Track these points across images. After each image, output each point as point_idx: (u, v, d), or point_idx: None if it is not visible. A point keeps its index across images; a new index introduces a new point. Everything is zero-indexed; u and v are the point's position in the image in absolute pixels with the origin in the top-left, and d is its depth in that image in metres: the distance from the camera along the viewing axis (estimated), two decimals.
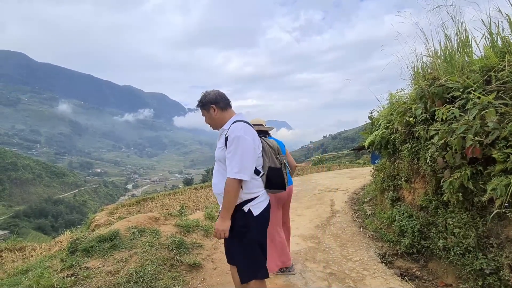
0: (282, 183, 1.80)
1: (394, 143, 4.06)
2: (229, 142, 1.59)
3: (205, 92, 1.82)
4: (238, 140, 1.56)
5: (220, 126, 1.77)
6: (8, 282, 2.39)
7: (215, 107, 1.75)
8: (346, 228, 3.84)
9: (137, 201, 7.47)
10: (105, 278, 2.08)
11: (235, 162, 1.54)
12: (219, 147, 1.69)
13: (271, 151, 1.79)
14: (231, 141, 1.57)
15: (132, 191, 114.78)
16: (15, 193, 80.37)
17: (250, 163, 1.60)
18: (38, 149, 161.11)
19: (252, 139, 1.62)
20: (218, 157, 1.71)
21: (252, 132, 1.66)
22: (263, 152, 1.76)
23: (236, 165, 1.53)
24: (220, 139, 1.72)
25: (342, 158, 45.42)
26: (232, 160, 1.55)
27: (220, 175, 1.70)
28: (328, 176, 8.79)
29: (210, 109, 1.75)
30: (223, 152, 1.63)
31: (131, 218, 3.11)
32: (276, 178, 1.76)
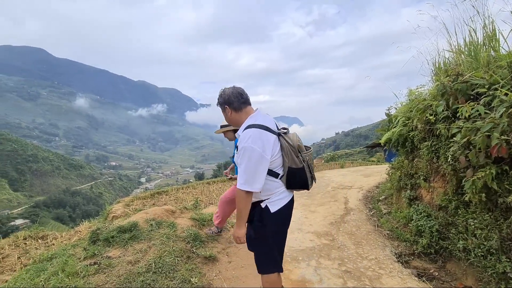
0: (304, 183, 1.71)
1: (412, 141, 3.96)
2: (238, 152, 1.58)
3: (221, 91, 1.74)
4: (245, 151, 1.52)
5: (239, 126, 1.71)
6: (34, 268, 2.52)
7: (228, 108, 1.70)
8: (361, 226, 3.80)
9: (152, 194, 7.66)
10: (125, 267, 2.15)
11: (241, 173, 1.53)
12: (236, 153, 1.67)
13: (290, 150, 1.64)
14: (239, 152, 1.56)
15: (145, 184, 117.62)
16: (35, 184, 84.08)
17: (256, 174, 1.53)
18: (56, 142, 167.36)
19: (261, 146, 1.53)
20: (236, 162, 1.70)
21: (263, 138, 1.56)
22: (282, 152, 1.65)
23: (242, 176, 1.52)
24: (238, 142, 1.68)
25: (355, 156, 44.76)
26: (239, 170, 1.55)
27: None
28: (341, 174, 8.69)
29: (225, 109, 1.72)
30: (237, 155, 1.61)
31: (148, 210, 3.20)
32: (296, 178, 1.67)
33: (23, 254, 4.29)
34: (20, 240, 4.66)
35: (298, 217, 4.27)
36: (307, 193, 5.96)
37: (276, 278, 1.74)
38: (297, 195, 5.72)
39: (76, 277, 2.05)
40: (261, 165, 1.53)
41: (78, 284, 1.93)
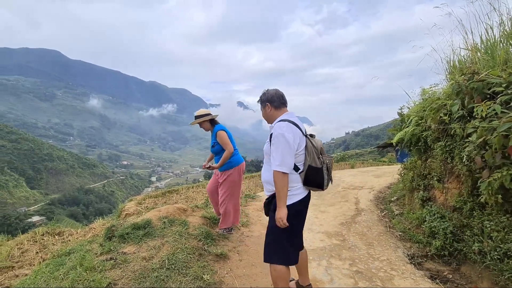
0: (320, 182, 1.86)
1: (425, 141, 3.89)
2: (273, 139, 1.79)
3: (265, 90, 2.02)
4: (280, 138, 1.76)
5: (272, 122, 1.96)
6: (54, 262, 2.63)
7: (269, 105, 1.97)
8: (372, 227, 3.77)
9: (163, 193, 7.79)
10: (140, 263, 2.22)
11: (277, 157, 1.74)
12: (267, 142, 1.91)
13: (313, 151, 1.86)
14: (274, 138, 1.78)
15: (155, 183, 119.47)
16: (51, 182, 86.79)
17: (289, 158, 1.75)
18: (71, 141, 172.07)
19: (292, 137, 1.77)
20: (265, 151, 1.94)
21: (294, 131, 1.80)
22: (306, 151, 1.86)
23: (277, 159, 1.74)
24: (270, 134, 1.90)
25: (365, 156, 44.08)
26: (275, 154, 1.76)
27: (266, 166, 1.94)
28: (352, 174, 8.59)
29: (266, 106, 1.99)
30: (268, 146, 1.86)
31: (161, 208, 3.27)
32: (314, 176, 1.83)
33: (41, 249, 4.45)
34: (38, 236, 4.84)
35: (308, 216, 4.22)
36: (317, 193, 5.93)
37: (284, 269, 1.83)
38: None
39: (94, 271, 2.13)
40: (291, 151, 1.76)
41: (96, 278, 2.01)
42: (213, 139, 3.13)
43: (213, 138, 3.12)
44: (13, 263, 3.93)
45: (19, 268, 3.84)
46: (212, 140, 3.14)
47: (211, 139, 3.16)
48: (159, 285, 2.02)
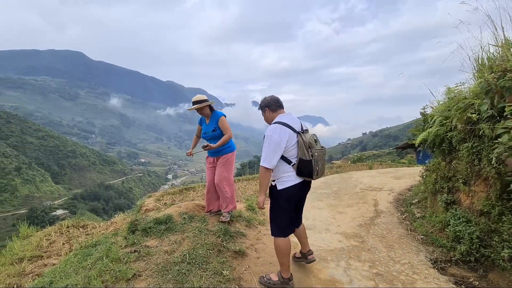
0: (310, 172, 2.15)
1: (450, 142, 3.75)
2: (265, 138, 2.15)
3: (262, 98, 2.38)
4: (267, 138, 2.12)
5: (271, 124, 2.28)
6: (81, 253, 2.77)
7: (268, 110, 2.32)
8: (392, 230, 3.67)
9: (180, 190, 7.97)
10: (163, 257, 2.29)
11: (263, 154, 2.12)
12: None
13: (303, 145, 2.14)
14: (265, 138, 2.15)
15: (172, 181, 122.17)
16: (74, 178, 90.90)
17: (273, 156, 2.10)
18: (93, 139, 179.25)
19: (279, 138, 2.09)
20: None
21: (282, 132, 2.11)
22: (297, 146, 2.15)
23: (263, 156, 2.11)
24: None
25: (383, 157, 42.81)
26: (263, 152, 2.13)
27: None
28: (370, 175, 8.39)
29: (265, 111, 2.34)
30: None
31: (181, 204, 3.35)
32: (304, 168, 2.14)
33: (67, 240, 4.70)
34: (64, 228, 5.10)
35: (325, 217, 4.22)
36: (334, 193, 5.86)
37: (285, 240, 2.23)
38: (324, 196, 5.65)
39: (119, 262, 2.22)
40: (276, 150, 2.10)
41: (122, 269, 2.10)
42: (213, 124, 3.25)
43: (214, 123, 3.25)
44: (41, 253, 4.17)
45: (47, 257, 4.07)
46: (213, 124, 3.26)
47: (210, 124, 3.28)
48: (181, 278, 2.08)
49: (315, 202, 5.14)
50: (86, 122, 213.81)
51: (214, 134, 3.23)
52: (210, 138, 3.26)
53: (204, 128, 3.30)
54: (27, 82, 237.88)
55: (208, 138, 3.28)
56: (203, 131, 3.33)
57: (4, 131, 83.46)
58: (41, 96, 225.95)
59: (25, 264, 3.59)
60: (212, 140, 3.24)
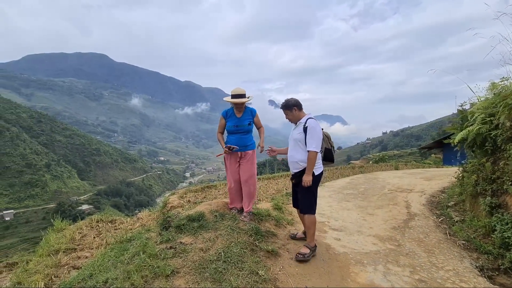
0: (332, 158, 2.95)
1: (495, 141, 3.49)
2: (309, 130, 2.65)
3: (287, 99, 2.84)
4: (315, 129, 2.65)
5: (297, 121, 2.81)
6: (117, 247, 2.83)
7: (296, 108, 2.80)
8: (429, 234, 3.47)
9: (202, 188, 8.05)
10: (198, 254, 2.29)
11: (313, 142, 2.63)
12: (298, 133, 2.75)
13: (326, 138, 2.93)
14: (311, 129, 2.64)
15: (189, 179, 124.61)
16: (98, 175, 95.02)
17: (320, 142, 2.70)
18: (115, 137, 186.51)
19: (319, 128, 2.71)
20: (297, 139, 2.75)
21: (319, 125, 2.72)
22: (323, 138, 2.82)
23: (314, 143, 2.63)
24: (298, 128, 2.78)
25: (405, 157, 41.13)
26: (312, 140, 2.63)
27: (299, 149, 2.75)
28: (397, 176, 8.05)
29: (293, 109, 2.80)
30: (301, 135, 2.71)
31: (211, 202, 3.35)
32: (328, 155, 2.93)
33: (97, 234, 4.87)
34: (94, 222, 5.29)
35: (355, 218, 4.07)
36: (361, 194, 5.66)
37: (314, 217, 2.78)
38: (351, 196, 5.48)
39: (156, 258, 2.24)
40: (321, 138, 2.72)
41: (160, 265, 2.11)
42: (248, 117, 3.23)
43: (249, 117, 3.23)
44: (75, 246, 4.34)
45: (80, 250, 4.23)
46: (248, 118, 3.22)
47: (244, 118, 3.22)
48: (218, 276, 2.05)
49: (342, 202, 4.99)
50: (109, 121, 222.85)
51: (249, 128, 3.22)
52: (245, 132, 3.21)
53: (235, 121, 3.19)
54: (56, 84, 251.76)
55: (241, 132, 3.20)
56: (233, 124, 3.20)
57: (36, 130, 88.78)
58: (68, 97, 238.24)
59: (61, 256, 3.74)
60: (245, 134, 3.20)
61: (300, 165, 2.74)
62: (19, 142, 74.99)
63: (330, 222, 3.90)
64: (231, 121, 3.23)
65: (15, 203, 61.99)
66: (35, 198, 65.55)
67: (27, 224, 55.98)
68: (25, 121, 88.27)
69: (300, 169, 2.74)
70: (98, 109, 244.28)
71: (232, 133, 3.24)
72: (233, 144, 3.16)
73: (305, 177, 2.63)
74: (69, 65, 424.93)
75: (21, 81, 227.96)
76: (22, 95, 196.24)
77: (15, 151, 71.10)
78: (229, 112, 3.28)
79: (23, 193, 64.95)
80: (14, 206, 61.00)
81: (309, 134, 2.62)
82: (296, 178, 2.80)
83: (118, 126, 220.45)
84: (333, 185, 6.67)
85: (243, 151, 3.23)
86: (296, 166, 2.78)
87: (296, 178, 2.80)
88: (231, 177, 3.29)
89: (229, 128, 3.24)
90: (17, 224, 55.61)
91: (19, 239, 49.19)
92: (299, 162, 2.74)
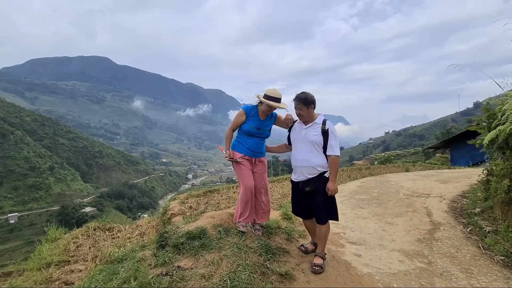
0: None
1: None
2: (331, 133, 2.44)
3: (306, 93, 2.50)
4: (334, 132, 2.45)
5: (310, 120, 2.53)
6: (107, 268, 2.46)
7: (313, 106, 2.51)
8: (461, 247, 3.07)
9: (204, 193, 7.69)
10: (199, 282, 1.91)
11: (336, 146, 2.45)
12: (315, 134, 2.47)
13: None
14: (333, 132, 2.45)
15: (192, 180, 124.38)
16: (101, 177, 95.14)
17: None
18: (118, 140, 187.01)
19: None
20: (315, 141, 2.46)
21: None
22: None
23: (337, 147, 2.45)
24: (314, 129, 2.50)
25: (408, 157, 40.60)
26: (334, 145, 2.44)
27: (316, 153, 2.48)
28: (410, 178, 7.63)
29: (310, 107, 2.49)
30: (319, 138, 2.45)
31: (215, 214, 2.97)
32: None
33: (93, 244, 4.52)
34: (90, 230, 4.95)
35: (374, 229, 3.67)
36: (375, 200, 5.26)
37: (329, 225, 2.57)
38: (364, 202, 5.08)
39: None
40: None
41: None
42: (270, 123, 2.86)
43: (271, 122, 2.87)
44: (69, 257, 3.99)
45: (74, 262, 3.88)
46: (270, 124, 2.86)
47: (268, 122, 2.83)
48: None
49: (356, 209, 4.59)
50: (111, 124, 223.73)
51: (268, 134, 2.85)
52: (264, 137, 2.85)
53: (258, 124, 2.77)
54: (59, 87, 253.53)
55: (261, 137, 2.82)
56: (255, 125, 2.75)
57: (40, 133, 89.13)
58: (72, 100, 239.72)
59: (52, 269, 3.41)
60: (263, 139, 2.85)
61: (317, 170, 2.46)
62: (23, 145, 75.31)
63: (346, 234, 3.51)
64: (253, 122, 2.77)
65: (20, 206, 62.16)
66: (39, 201, 65.71)
67: (31, 227, 56.10)
68: (29, 124, 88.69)
69: (316, 175, 2.46)
70: (101, 112, 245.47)
71: (251, 135, 2.77)
72: (251, 149, 2.77)
73: (331, 185, 2.40)
74: (72, 68, 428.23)
75: (25, 84, 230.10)
76: (26, 99, 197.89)
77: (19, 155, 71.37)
78: (253, 111, 2.79)
79: (27, 196, 65.18)
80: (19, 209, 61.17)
81: (332, 138, 2.43)
82: (311, 184, 2.46)
83: (120, 129, 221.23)
84: (343, 189, 6.26)
85: (258, 157, 2.84)
86: (311, 171, 2.47)
87: (311, 185, 2.47)
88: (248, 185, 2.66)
89: (249, 129, 2.75)
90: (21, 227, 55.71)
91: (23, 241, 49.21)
92: (317, 167, 2.45)
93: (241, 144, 2.81)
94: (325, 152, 2.44)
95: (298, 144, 2.57)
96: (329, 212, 2.51)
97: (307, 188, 2.50)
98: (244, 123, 2.79)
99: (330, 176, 2.42)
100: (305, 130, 2.52)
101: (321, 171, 2.45)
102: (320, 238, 2.56)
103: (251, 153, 2.78)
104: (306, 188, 2.50)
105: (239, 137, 2.86)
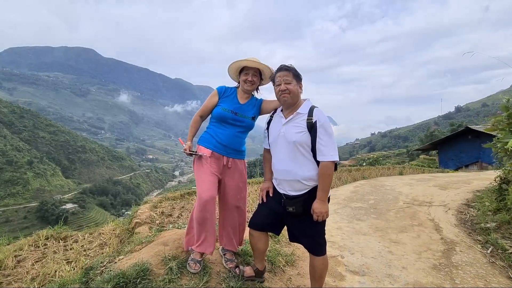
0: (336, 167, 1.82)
1: None
2: (321, 127, 1.63)
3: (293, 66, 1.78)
4: (327, 124, 1.64)
5: (293, 104, 1.76)
6: None
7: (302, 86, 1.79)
8: (487, 277, 2.42)
9: (182, 195, 6.87)
10: None
11: (332, 145, 1.62)
12: (298, 132, 1.67)
13: None
14: (325, 124, 1.64)
15: (178, 177, 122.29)
16: (83, 172, 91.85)
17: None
18: (102, 135, 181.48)
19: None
20: (298, 142, 1.67)
21: None
22: None
23: (333, 148, 1.62)
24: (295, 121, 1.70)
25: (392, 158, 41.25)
26: (329, 144, 1.61)
27: (301, 159, 1.68)
28: (406, 183, 7.06)
29: (300, 84, 1.78)
30: (304, 136, 1.65)
31: (168, 238, 2.14)
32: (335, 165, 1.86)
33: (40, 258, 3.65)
34: (41, 240, 4.10)
35: (377, 250, 2.98)
36: (373, 209, 4.61)
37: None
38: (361, 212, 4.42)
39: None
40: None
41: None
42: (253, 109, 2.02)
43: (254, 110, 2.02)
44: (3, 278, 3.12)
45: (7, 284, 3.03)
46: (252, 110, 2.01)
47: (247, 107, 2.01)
48: None
49: (353, 222, 3.90)
50: (96, 118, 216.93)
51: (252, 123, 2.01)
52: (244, 127, 1.99)
53: (235, 107, 1.98)
54: (40, 78, 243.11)
55: (239, 125, 1.97)
56: (230, 107, 1.96)
57: (18, 125, 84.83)
58: (54, 92, 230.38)
59: None
60: (243, 131, 2.00)
61: (304, 185, 1.68)
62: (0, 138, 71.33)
63: (345, 257, 2.80)
64: (228, 103, 1.99)
65: None
66: (16, 197, 62.63)
67: (7, 223, 53.30)
68: (6, 116, 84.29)
69: (305, 191, 1.69)
70: (85, 105, 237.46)
71: (224, 122, 1.97)
72: (223, 142, 1.93)
73: (319, 207, 1.61)
74: (54, 59, 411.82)
75: (2, 74, 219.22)
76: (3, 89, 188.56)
77: None
78: (228, 91, 2.05)
79: (3, 191, 62.08)
80: None
81: (323, 134, 1.61)
82: (297, 205, 1.68)
83: (105, 123, 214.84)
84: (336, 196, 5.59)
85: (234, 157, 2.00)
86: (297, 186, 1.70)
87: (297, 206, 1.68)
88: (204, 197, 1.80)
89: (222, 113, 1.95)
90: None
91: None
92: (303, 180, 1.67)
93: (210, 135, 1.98)
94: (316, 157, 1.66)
95: (276, 147, 1.79)
96: (319, 242, 1.76)
97: (290, 209, 1.70)
98: (216, 106, 2.00)
99: (319, 192, 1.63)
100: (285, 126, 1.73)
101: (313, 185, 1.68)
102: (314, 277, 1.80)
103: (222, 148, 1.94)
104: (290, 208, 1.71)
105: (209, 127, 2.05)
